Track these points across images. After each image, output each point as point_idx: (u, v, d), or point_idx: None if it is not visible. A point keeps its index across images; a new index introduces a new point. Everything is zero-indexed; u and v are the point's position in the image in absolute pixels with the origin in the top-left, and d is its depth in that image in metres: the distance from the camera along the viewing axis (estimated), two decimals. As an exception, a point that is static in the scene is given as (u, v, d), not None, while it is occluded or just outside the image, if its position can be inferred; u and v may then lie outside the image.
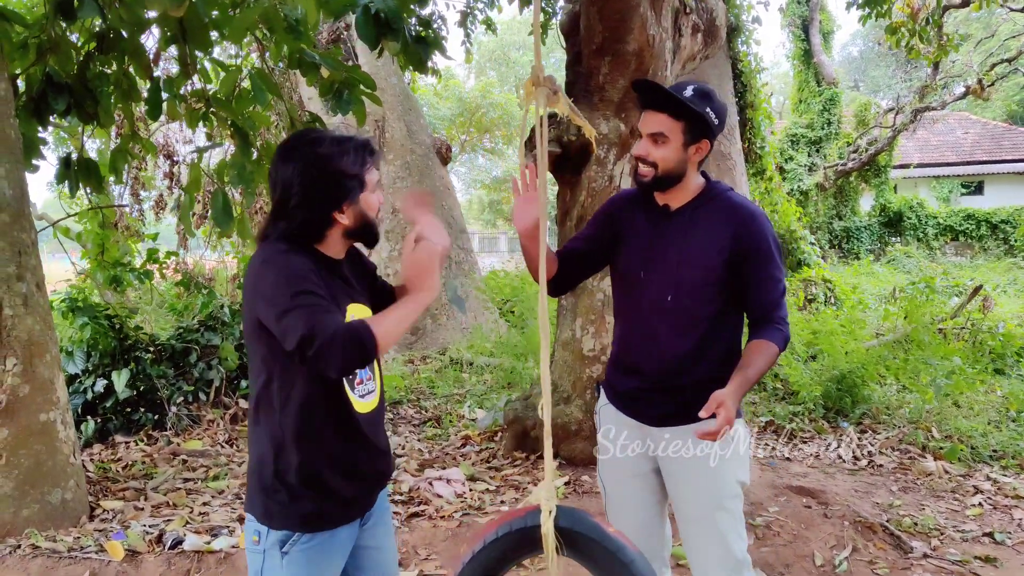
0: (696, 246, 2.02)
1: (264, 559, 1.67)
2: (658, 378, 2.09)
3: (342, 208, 1.68)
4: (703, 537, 2.07)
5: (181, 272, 7.11)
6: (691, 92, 1.96)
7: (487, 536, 1.65)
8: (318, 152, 1.66)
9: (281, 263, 1.60)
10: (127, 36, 3.95)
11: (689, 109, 1.94)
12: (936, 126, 23.50)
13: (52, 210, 14.35)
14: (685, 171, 2.03)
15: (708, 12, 4.94)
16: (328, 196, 1.66)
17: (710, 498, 2.05)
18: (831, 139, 18.82)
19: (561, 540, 1.62)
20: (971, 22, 24.93)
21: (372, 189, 1.72)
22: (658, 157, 1.99)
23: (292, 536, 1.66)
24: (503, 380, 6.85)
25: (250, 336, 1.68)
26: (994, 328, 7.30)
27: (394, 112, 9.38)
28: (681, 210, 2.07)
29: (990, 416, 5.38)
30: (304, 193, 1.65)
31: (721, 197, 2.07)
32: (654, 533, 2.21)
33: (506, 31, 30.45)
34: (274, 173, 1.70)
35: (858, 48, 41.86)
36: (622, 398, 2.18)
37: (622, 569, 1.61)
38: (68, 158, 4.20)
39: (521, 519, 1.65)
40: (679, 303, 2.02)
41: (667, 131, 1.97)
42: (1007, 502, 4.03)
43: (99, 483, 4.15)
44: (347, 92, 3.95)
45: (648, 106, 2.01)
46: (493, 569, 1.67)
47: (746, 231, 1.99)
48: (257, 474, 1.69)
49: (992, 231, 20.36)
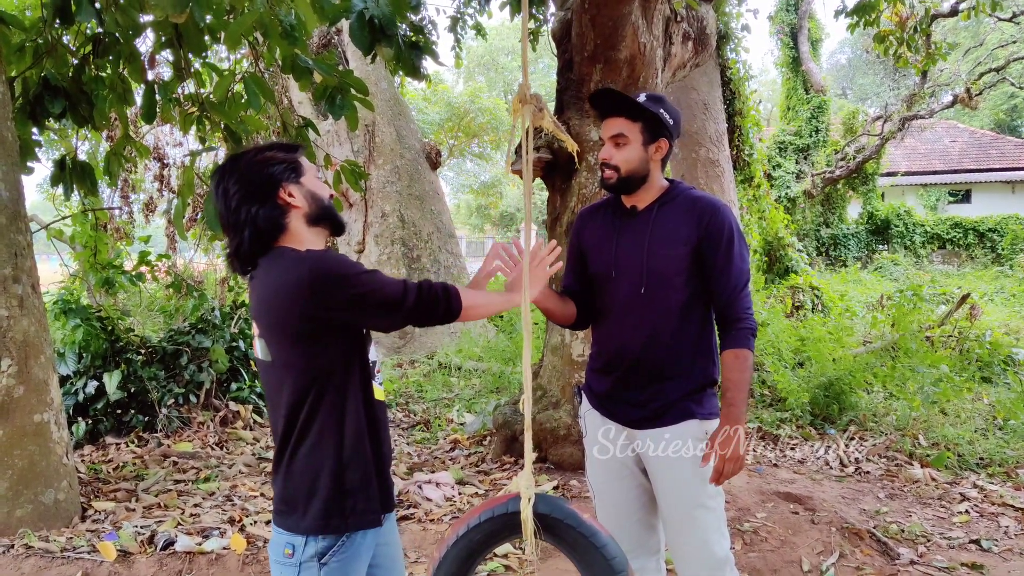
0: (662, 238, 2.10)
1: (299, 571, 1.67)
2: (633, 374, 2.15)
3: (287, 191, 1.71)
4: (684, 535, 2.13)
5: (172, 275, 7.11)
6: (644, 97, 2.10)
7: (470, 521, 1.77)
8: (240, 161, 1.74)
9: (326, 257, 1.66)
10: (123, 40, 3.98)
11: (644, 109, 2.07)
12: (924, 134, 23.69)
13: (41, 212, 14.29)
14: (648, 171, 2.14)
15: (699, 20, 5.01)
16: (265, 184, 1.70)
17: (691, 496, 2.09)
18: (819, 146, 18.94)
19: (539, 525, 1.75)
20: (959, 31, 25.19)
21: (312, 174, 1.77)
22: (620, 160, 2.11)
23: (332, 547, 1.67)
24: (491, 385, 6.87)
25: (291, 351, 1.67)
26: (981, 336, 7.35)
27: (384, 117, 9.41)
28: (647, 208, 2.16)
29: (977, 424, 5.43)
30: (242, 193, 1.69)
31: (684, 194, 2.17)
32: (645, 531, 2.25)
33: (495, 36, 30.48)
34: (221, 202, 1.73)
35: (846, 56, 42.19)
36: (601, 400, 2.24)
37: (595, 552, 1.74)
38: (63, 160, 4.21)
39: (503, 505, 1.77)
40: (652, 294, 2.10)
41: (626, 131, 2.09)
42: (993, 509, 4.08)
43: (90, 484, 4.15)
44: (340, 97, 3.98)
45: (607, 114, 2.13)
46: (476, 551, 1.79)
47: (708, 220, 2.08)
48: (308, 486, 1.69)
49: (979, 239, 20.54)
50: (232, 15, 3.87)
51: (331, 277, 1.62)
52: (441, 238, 9.70)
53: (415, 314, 1.69)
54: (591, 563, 1.76)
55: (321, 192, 1.77)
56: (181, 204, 4.37)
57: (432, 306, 1.70)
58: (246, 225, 1.69)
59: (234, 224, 1.71)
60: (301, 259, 1.65)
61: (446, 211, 10.26)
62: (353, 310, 1.65)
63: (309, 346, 1.65)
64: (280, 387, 1.70)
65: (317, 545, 1.67)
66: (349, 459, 1.69)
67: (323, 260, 1.65)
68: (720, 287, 2.10)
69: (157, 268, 6.54)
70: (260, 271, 1.71)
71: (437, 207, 9.90)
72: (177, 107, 4.37)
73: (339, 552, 1.68)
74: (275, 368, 1.70)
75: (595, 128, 4.39)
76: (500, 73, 35.32)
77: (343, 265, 1.66)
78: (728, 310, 2.10)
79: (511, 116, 1.79)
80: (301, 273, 1.62)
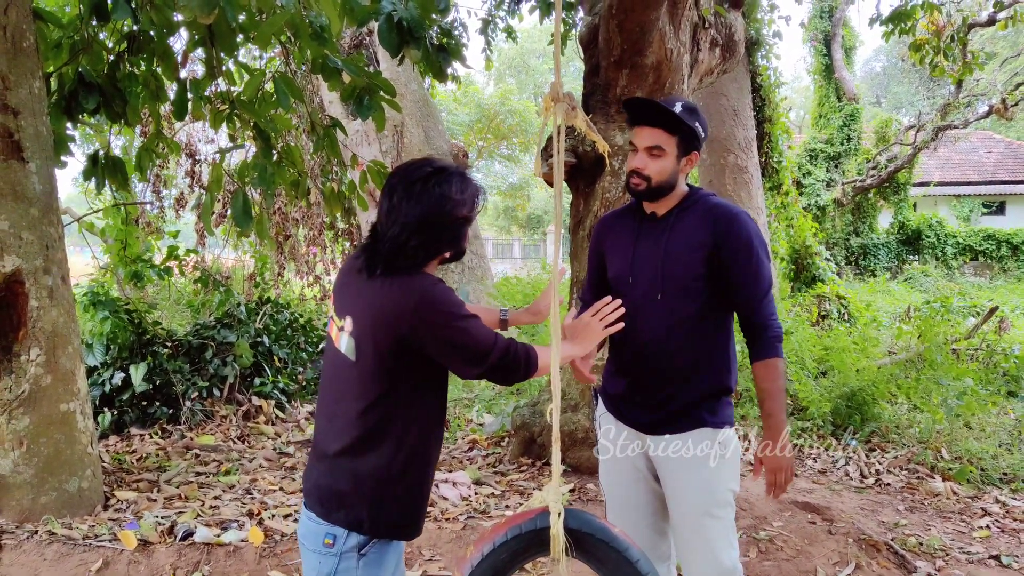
0: (678, 244, 2.11)
1: (339, 561, 1.71)
2: (647, 378, 2.15)
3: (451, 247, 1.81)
4: (692, 543, 2.12)
5: (199, 270, 7.22)
6: (680, 108, 2.07)
7: (496, 538, 1.70)
8: (444, 196, 1.74)
9: (442, 295, 1.71)
10: (157, 38, 4.06)
11: (683, 124, 2.06)
12: (958, 144, 23.31)
13: (75, 205, 14.57)
14: (676, 182, 2.14)
15: (727, 27, 4.98)
16: (443, 239, 1.77)
17: (699, 504, 2.09)
18: (850, 155, 18.72)
19: (569, 541, 1.67)
20: (997, 40, 24.73)
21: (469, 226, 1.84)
22: (654, 171, 2.09)
23: (370, 541, 1.72)
24: (512, 386, 6.89)
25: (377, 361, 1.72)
26: (1009, 350, 7.24)
27: (413, 118, 9.46)
28: (666, 214, 2.17)
29: (1001, 439, 5.34)
30: (425, 234, 1.73)
31: (703, 200, 2.16)
32: (657, 536, 2.25)
33: (526, 39, 30.54)
34: (396, 204, 1.75)
35: (881, 64, 41.63)
36: (615, 402, 2.25)
37: (628, 567, 1.68)
38: (96, 155, 4.30)
39: (530, 521, 1.70)
40: (668, 300, 2.10)
41: (664, 144, 2.08)
42: (1015, 525, 4.01)
43: (114, 474, 4.23)
44: (368, 98, 4.02)
45: (641, 122, 2.11)
46: (501, 570, 1.72)
47: (726, 230, 2.08)
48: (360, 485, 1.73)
49: (1012, 252, 20.16)
50: (264, 15, 3.93)
51: (434, 312, 1.68)
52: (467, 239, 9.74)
53: (496, 372, 1.74)
54: None
55: (465, 243, 1.85)
56: (210, 200, 4.44)
57: (513, 368, 1.76)
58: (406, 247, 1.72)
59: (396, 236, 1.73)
60: (416, 286, 1.70)
61: (472, 212, 10.29)
62: (442, 349, 1.71)
63: (396, 362, 1.71)
64: (356, 387, 1.74)
65: (359, 537, 1.71)
66: (403, 472, 1.74)
67: (433, 294, 1.70)
68: (742, 296, 2.10)
69: (185, 263, 6.66)
70: (382, 278, 1.73)
71: (463, 209, 9.93)
72: (208, 105, 4.45)
73: (376, 548, 1.73)
74: (357, 368, 1.74)
75: (620, 133, 4.39)
76: (531, 76, 35.36)
77: (448, 304, 1.70)
78: (752, 317, 2.10)
79: (542, 115, 1.77)
80: (412, 300, 1.68)
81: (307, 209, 8.23)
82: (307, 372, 6.51)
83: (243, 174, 4.38)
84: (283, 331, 6.57)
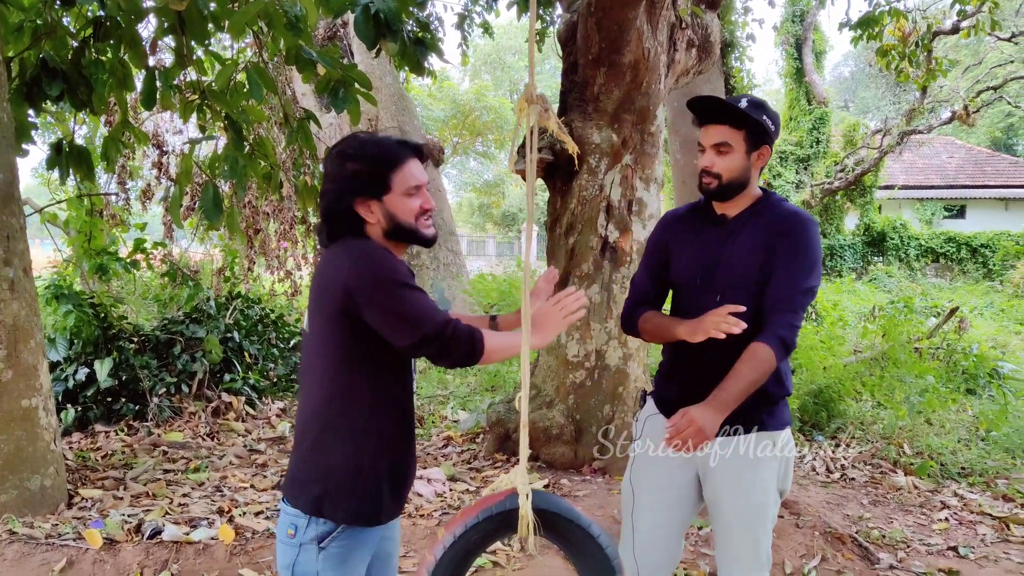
0: (739, 250, 2.07)
1: (299, 552, 1.69)
2: (706, 383, 2.06)
3: (366, 206, 1.74)
4: (738, 540, 2.13)
5: (167, 263, 7.09)
6: (746, 103, 2.05)
7: (468, 521, 1.72)
8: (339, 152, 1.76)
9: (380, 257, 1.66)
10: (124, 24, 3.96)
11: (749, 117, 2.03)
12: (922, 149, 23.82)
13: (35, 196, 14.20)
14: (748, 179, 2.09)
15: (703, 28, 5.02)
16: (344, 193, 1.73)
17: (756, 505, 2.09)
18: (819, 157, 19.01)
19: (538, 520, 1.73)
20: (960, 48, 25.28)
21: (404, 192, 1.75)
22: (723, 168, 2.06)
23: (332, 532, 1.69)
24: (486, 383, 6.88)
25: (325, 331, 1.70)
26: (968, 349, 7.42)
27: (388, 112, 9.39)
28: (737, 218, 2.13)
29: (960, 434, 5.51)
30: (330, 191, 1.75)
31: (776, 207, 2.12)
32: (677, 536, 2.25)
33: (502, 35, 30.49)
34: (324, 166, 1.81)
35: (850, 69, 42.35)
36: (670, 406, 2.17)
37: (591, 543, 1.75)
38: (60, 144, 4.19)
39: (500, 503, 1.74)
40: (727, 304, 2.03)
41: (730, 139, 2.05)
42: (972, 518, 4.13)
43: (78, 471, 4.14)
44: (343, 90, 3.97)
45: (707, 121, 2.09)
46: (473, 551, 1.76)
47: (785, 233, 2.04)
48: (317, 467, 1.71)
49: (972, 254, 20.65)
50: (236, 3, 3.87)
51: (371, 273, 1.64)
52: (442, 235, 9.69)
53: (431, 346, 1.65)
54: (588, 556, 1.76)
55: (402, 215, 1.75)
56: (179, 192, 4.36)
57: (452, 347, 1.66)
58: (327, 214, 1.75)
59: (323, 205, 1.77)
60: (356, 246, 1.69)
61: (447, 208, 10.25)
62: (375, 312, 1.64)
63: (342, 331, 1.68)
64: (314, 360, 1.75)
65: (318, 528, 1.68)
66: (363, 454, 1.71)
67: (372, 255, 1.66)
68: (771, 293, 2.02)
69: (152, 256, 6.53)
70: (330, 246, 1.76)
71: (439, 204, 9.87)
72: (178, 94, 4.36)
73: (339, 539, 1.69)
74: (313, 339, 1.75)
75: (597, 131, 4.40)
76: (506, 72, 35.31)
77: (388, 268, 1.65)
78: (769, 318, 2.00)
79: (516, 115, 1.77)
80: (351, 258, 1.66)
81: (278, 203, 8.12)
82: (278, 368, 6.42)
83: (214, 166, 4.30)
84: (254, 327, 6.48)
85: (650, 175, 4.57)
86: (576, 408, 4.47)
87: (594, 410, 4.46)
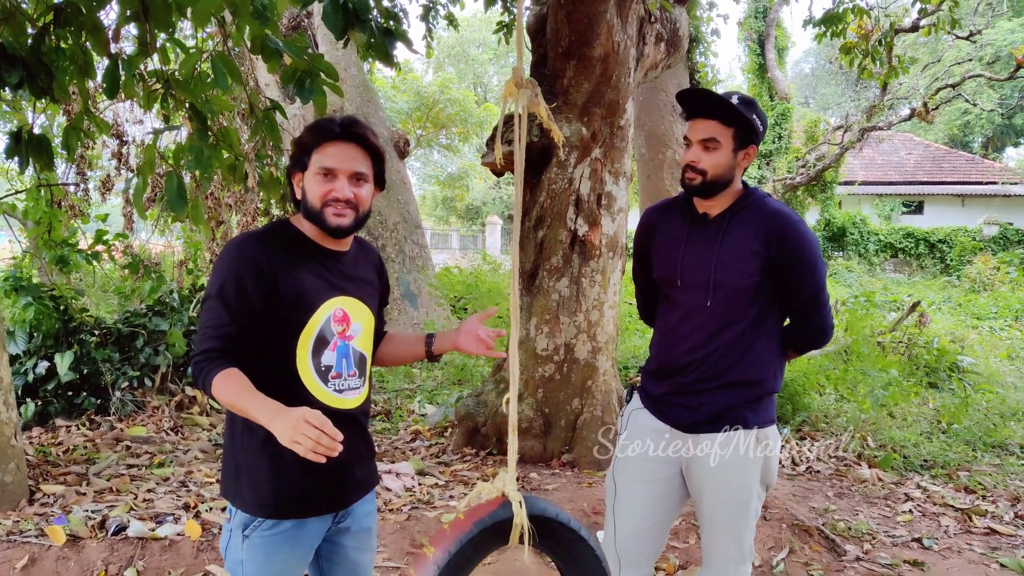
0: (731, 250, 2.06)
1: (231, 537, 1.73)
2: (692, 381, 2.11)
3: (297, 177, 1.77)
4: (723, 534, 2.16)
5: (128, 255, 6.94)
6: (736, 100, 2.01)
7: (461, 536, 1.64)
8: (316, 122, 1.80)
9: (219, 258, 1.70)
10: (85, 11, 3.85)
11: (739, 115, 2.00)
12: (881, 145, 24.33)
13: (-9, 185, 13.80)
14: (732, 177, 2.07)
15: (672, 22, 5.05)
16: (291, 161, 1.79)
17: (739, 501, 2.12)
18: (781, 153, 19.31)
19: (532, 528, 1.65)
20: (919, 46, 25.85)
21: (317, 172, 1.70)
22: (709, 164, 2.03)
23: (254, 520, 1.69)
24: (454, 376, 6.87)
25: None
26: (929, 343, 7.60)
27: (353, 103, 9.30)
28: (719, 216, 2.11)
29: (922, 427, 5.62)
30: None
31: (758, 204, 2.10)
32: (659, 535, 2.25)
33: (467, 27, 30.36)
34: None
35: (810, 65, 43.00)
36: (655, 403, 2.19)
37: (582, 545, 1.72)
38: (19, 133, 4.07)
39: (492, 514, 1.66)
40: (718, 307, 2.06)
41: (719, 136, 2.02)
42: (935, 509, 4.22)
43: (39, 467, 4.04)
44: (309, 81, 3.91)
45: (697, 114, 2.06)
46: (466, 566, 1.68)
47: (783, 238, 2.03)
48: (228, 454, 1.76)
49: (930, 250, 21.17)
50: (202, -9, 3.78)
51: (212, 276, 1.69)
52: (407, 228, 9.63)
53: (192, 363, 1.66)
54: (580, 560, 1.72)
55: (310, 196, 1.71)
56: (141, 183, 4.26)
57: (196, 376, 1.64)
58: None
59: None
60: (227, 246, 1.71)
61: (412, 201, 10.19)
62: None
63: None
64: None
65: (241, 516, 1.71)
66: (253, 444, 1.70)
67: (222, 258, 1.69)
68: (800, 307, 2.11)
69: (114, 248, 6.39)
70: None
71: (404, 197, 9.81)
72: (141, 83, 4.26)
73: (261, 530, 1.69)
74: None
75: (567, 124, 4.40)
76: (470, 65, 35.20)
77: (213, 272, 1.68)
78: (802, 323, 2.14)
79: (502, 100, 1.70)
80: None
81: (242, 194, 8.00)
82: (243, 362, 6.33)
83: (178, 156, 4.21)
84: (218, 320, 6.37)
85: (619, 169, 4.59)
86: (545, 402, 4.49)
87: (563, 404, 4.48)
